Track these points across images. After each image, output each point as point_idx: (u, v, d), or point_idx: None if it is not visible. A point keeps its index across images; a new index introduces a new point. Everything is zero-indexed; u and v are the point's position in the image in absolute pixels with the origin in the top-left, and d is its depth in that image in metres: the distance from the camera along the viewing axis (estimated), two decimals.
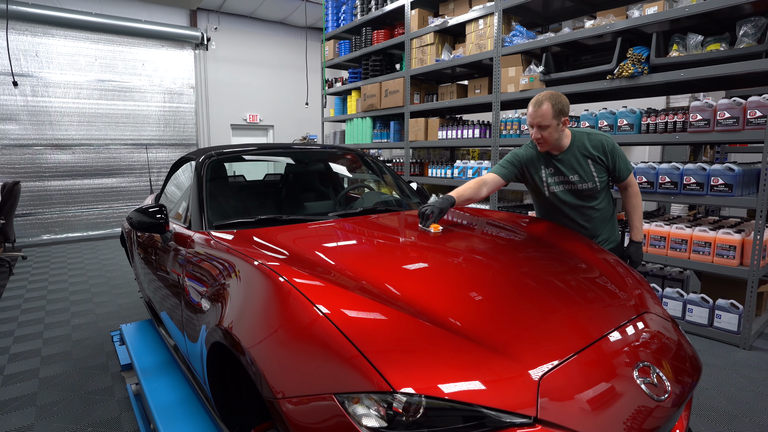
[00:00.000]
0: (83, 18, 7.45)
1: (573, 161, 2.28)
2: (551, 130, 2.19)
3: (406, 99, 5.68)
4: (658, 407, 1.22)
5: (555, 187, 2.36)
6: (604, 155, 2.26)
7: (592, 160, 2.26)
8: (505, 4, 4.37)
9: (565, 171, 2.30)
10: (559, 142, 2.27)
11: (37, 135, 7.45)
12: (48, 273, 5.60)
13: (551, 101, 2.16)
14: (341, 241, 1.93)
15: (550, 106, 2.15)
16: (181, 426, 1.91)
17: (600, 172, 2.28)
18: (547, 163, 2.35)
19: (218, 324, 1.48)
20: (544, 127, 2.18)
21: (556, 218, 2.45)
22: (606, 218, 2.40)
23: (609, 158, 2.26)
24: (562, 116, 2.18)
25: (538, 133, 2.21)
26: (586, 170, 2.27)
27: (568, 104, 2.21)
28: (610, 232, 2.43)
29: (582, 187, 2.30)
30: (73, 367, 3.08)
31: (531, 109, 2.21)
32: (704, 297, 3.45)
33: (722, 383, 2.78)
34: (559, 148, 2.29)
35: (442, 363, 1.13)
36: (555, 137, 2.22)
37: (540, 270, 1.74)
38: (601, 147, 2.26)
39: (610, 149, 2.26)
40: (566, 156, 2.29)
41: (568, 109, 2.21)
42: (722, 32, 3.37)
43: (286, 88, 10.09)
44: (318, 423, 1.09)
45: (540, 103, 2.17)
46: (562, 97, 2.20)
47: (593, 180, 2.28)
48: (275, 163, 3.77)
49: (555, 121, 2.17)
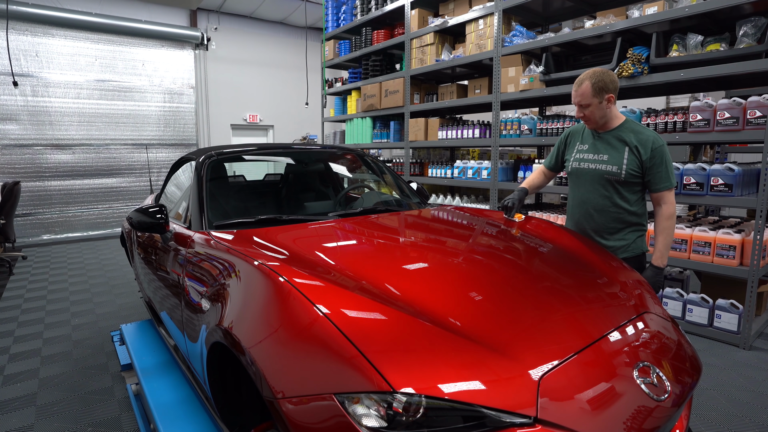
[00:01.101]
0: (83, 18, 7.45)
1: (613, 140, 2.24)
2: (593, 108, 2.19)
3: (406, 99, 5.68)
4: (658, 407, 1.22)
5: (581, 163, 2.33)
6: (645, 149, 2.15)
7: (630, 148, 2.18)
8: (505, 4, 4.37)
9: (600, 147, 2.27)
10: (606, 120, 2.25)
11: (37, 135, 7.45)
12: (48, 273, 5.60)
13: (592, 80, 2.16)
14: (341, 241, 1.93)
15: (590, 84, 2.16)
16: (181, 426, 1.91)
17: (632, 163, 2.17)
18: (586, 139, 2.35)
19: (218, 324, 1.48)
20: (585, 106, 2.20)
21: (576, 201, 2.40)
22: (622, 220, 2.27)
23: (649, 155, 2.14)
24: (605, 93, 2.16)
25: (581, 112, 2.24)
26: (619, 153, 2.20)
27: (613, 81, 2.17)
28: (627, 240, 2.28)
29: (606, 168, 2.23)
30: (73, 367, 3.08)
31: (573, 88, 2.24)
32: (704, 297, 3.45)
33: (722, 383, 2.78)
34: (605, 126, 2.27)
35: (442, 363, 1.13)
36: (599, 115, 2.21)
37: (540, 270, 1.74)
38: (647, 142, 2.16)
39: (656, 148, 2.14)
40: (608, 135, 2.26)
41: (613, 86, 2.17)
42: (722, 32, 3.37)
43: (286, 88, 10.09)
44: (318, 423, 1.09)
45: (581, 82, 2.20)
46: (606, 73, 2.17)
47: (620, 166, 2.19)
48: (275, 163, 3.77)
49: (596, 99, 2.17)
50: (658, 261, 2.20)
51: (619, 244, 2.29)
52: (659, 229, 2.21)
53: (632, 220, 2.27)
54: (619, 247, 2.29)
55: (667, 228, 2.19)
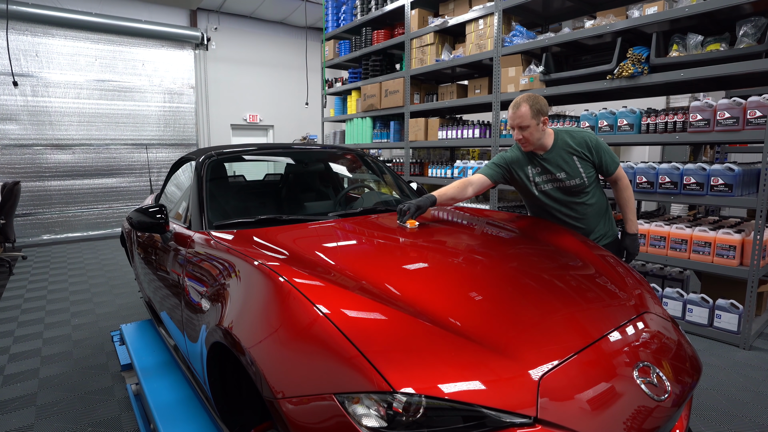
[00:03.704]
0: (83, 18, 7.45)
1: (558, 159, 2.33)
2: (532, 130, 2.26)
3: (406, 99, 5.68)
4: (658, 407, 1.22)
5: (544, 186, 2.40)
6: (589, 151, 2.31)
7: (577, 156, 2.32)
8: (505, 4, 4.37)
9: (551, 169, 2.35)
10: (542, 142, 2.33)
11: (37, 135, 7.45)
12: (48, 273, 5.60)
13: (529, 102, 2.24)
14: (341, 241, 1.93)
15: (528, 107, 2.23)
16: (181, 426, 1.91)
17: (586, 167, 2.33)
18: (533, 162, 2.40)
19: (218, 324, 1.48)
20: (525, 128, 2.27)
21: (548, 217, 2.48)
22: (600, 213, 2.44)
23: (594, 154, 2.31)
24: (541, 116, 2.25)
25: (520, 134, 2.30)
26: (572, 167, 2.32)
27: (546, 104, 2.28)
28: (606, 227, 2.47)
29: (570, 183, 2.34)
30: (73, 367, 3.08)
31: (510, 111, 2.31)
32: (704, 297, 3.45)
33: (722, 383, 2.78)
34: (543, 147, 2.35)
35: (442, 363, 1.13)
36: (537, 137, 2.29)
37: (540, 270, 1.74)
38: (585, 143, 2.32)
39: (594, 145, 2.31)
40: (551, 155, 2.35)
41: (546, 109, 2.28)
42: (722, 32, 3.37)
43: (286, 88, 10.09)
44: (318, 423, 1.09)
45: (518, 105, 2.27)
46: (539, 98, 2.27)
47: (580, 176, 2.32)
48: (275, 163, 3.77)
49: (534, 121, 2.25)
50: (633, 228, 2.43)
51: (595, 236, 2.43)
52: (623, 201, 2.41)
53: (598, 211, 2.43)
54: (598, 237, 2.43)
55: (629, 198, 2.40)
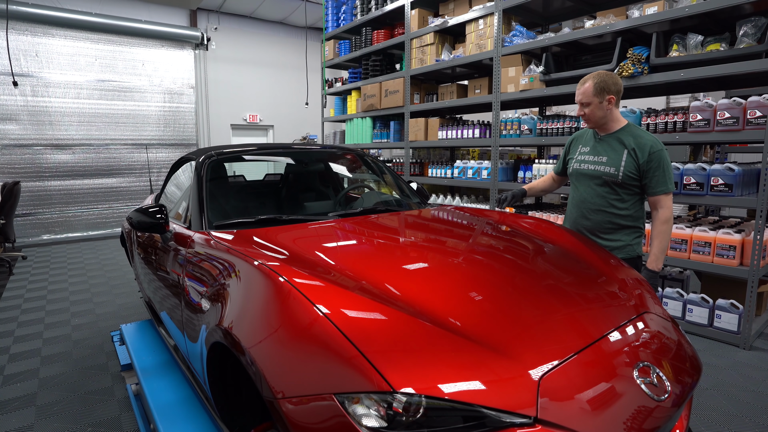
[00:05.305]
0: (83, 18, 7.45)
1: (613, 143, 2.28)
2: (593, 108, 2.25)
3: (406, 99, 5.68)
4: (658, 407, 1.22)
5: (580, 165, 2.38)
6: (642, 152, 2.18)
7: (628, 151, 2.22)
8: (505, 4, 4.37)
9: (600, 150, 2.32)
10: (605, 122, 2.30)
11: (37, 135, 7.44)
12: (48, 273, 5.60)
13: (595, 80, 2.24)
14: (341, 241, 1.93)
15: (592, 84, 2.23)
16: (181, 426, 1.91)
17: (629, 165, 2.20)
18: (588, 142, 2.40)
19: (218, 324, 1.48)
20: (586, 104, 2.27)
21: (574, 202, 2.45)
22: (617, 222, 2.30)
23: (646, 159, 2.17)
24: (606, 94, 2.22)
25: (581, 110, 2.31)
26: (617, 155, 2.24)
27: (615, 84, 2.23)
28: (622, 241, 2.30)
29: (605, 170, 2.27)
30: (73, 367, 3.08)
31: (578, 86, 2.32)
32: (704, 297, 3.45)
33: (722, 383, 2.78)
34: (606, 128, 2.32)
35: (442, 363, 1.13)
36: (599, 115, 2.27)
37: (540, 270, 1.74)
38: (645, 145, 2.18)
39: (653, 152, 2.16)
40: (609, 138, 2.31)
41: (615, 89, 2.22)
42: (722, 32, 3.37)
43: (286, 88, 10.09)
44: (318, 423, 1.09)
45: (584, 82, 2.28)
46: (611, 76, 2.24)
47: (618, 168, 2.22)
48: (275, 163, 3.77)
49: (596, 99, 2.23)
50: (653, 264, 2.22)
51: (613, 244, 2.32)
52: (655, 233, 2.23)
53: (626, 223, 2.30)
54: (614, 248, 2.31)
55: (663, 232, 2.20)
